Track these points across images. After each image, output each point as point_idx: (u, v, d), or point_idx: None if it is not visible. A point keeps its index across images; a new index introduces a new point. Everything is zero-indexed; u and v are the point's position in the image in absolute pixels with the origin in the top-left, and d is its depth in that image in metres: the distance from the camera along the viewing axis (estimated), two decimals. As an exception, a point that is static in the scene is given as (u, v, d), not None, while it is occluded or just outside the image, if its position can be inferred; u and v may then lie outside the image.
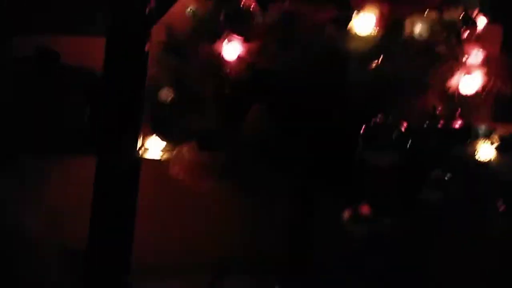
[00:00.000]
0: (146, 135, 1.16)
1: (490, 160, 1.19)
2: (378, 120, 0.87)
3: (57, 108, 1.10)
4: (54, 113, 1.10)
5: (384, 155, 0.88)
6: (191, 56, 1.20)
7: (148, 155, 1.14)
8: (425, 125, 0.99)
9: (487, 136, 1.17)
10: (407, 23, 1.03)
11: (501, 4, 1.62)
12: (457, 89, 1.08)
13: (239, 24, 1.08)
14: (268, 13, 1.05)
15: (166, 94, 1.23)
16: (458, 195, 1.18)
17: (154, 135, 1.18)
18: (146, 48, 1.11)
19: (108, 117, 1.02)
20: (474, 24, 1.25)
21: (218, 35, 1.13)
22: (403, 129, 0.89)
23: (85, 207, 0.98)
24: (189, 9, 1.41)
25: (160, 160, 1.15)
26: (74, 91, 1.12)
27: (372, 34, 1.01)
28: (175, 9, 1.45)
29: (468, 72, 1.09)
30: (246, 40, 1.09)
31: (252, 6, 1.06)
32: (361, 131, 0.87)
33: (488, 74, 1.13)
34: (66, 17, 1.21)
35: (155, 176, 1.16)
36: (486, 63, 1.15)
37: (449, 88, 1.06)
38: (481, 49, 1.17)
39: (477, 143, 1.16)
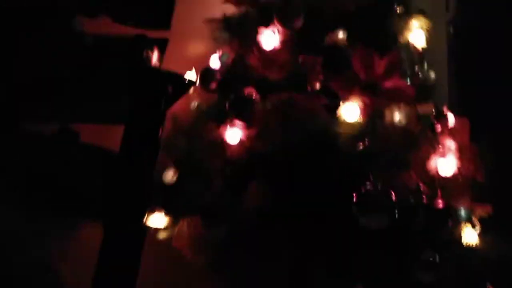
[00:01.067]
0: (152, 210, 1.22)
1: (475, 242, 1.27)
2: (368, 187, 0.97)
3: (73, 179, 1.18)
4: (70, 182, 1.17)
5: (376, 218, 0.95)
6: (196, 140, 1.33)
7: (152, 229, 1.19)
8: (411, 200, 1.08)
9: (468, 217, 1.27)
10: (387, 112, 1.19)
11: (467, 100, 1.87)
12: (436, 171, 1.20)
13: (241, 111, 1.23)
14: (267, 101, 1.21)
15: (171, 175, 1.33)
16: (450, 277, 1.23)
17: (159, 210, 1.25)
18: (160, 135, 1.24)
19: (121, 192, 1.10)
20: (445, 118, 1.45)
21: (221, 121, 1.28)
22: (392, 198, 0.98)
23: (89, 272, 0.99)
24: (193, 103, 1.59)
25: (163, 233, 1.20)
26: (90, 167, 1.21)
27: (358, 120, 1.16)
28: (180, 102, 1.63)
29: (444, 157, 1.22)
30: (247, 125, 1.24)
31: (253, 96, 1.23)
32: (354, 200, 0.96)
33: (462, 160, 1.27)
34: (89, 108, 1.36)
35: (158, 248, 1.19)
36: (458, 151, 1.29)
37: (429, 169, 1.18)
38: (453, 140, 1.33)
39: (460, 225, 1.26)
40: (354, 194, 0.97)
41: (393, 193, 0.98)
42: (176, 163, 1.30)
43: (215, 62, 1.68)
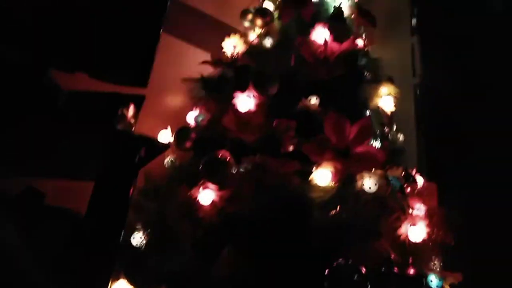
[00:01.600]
0: (116, 277, 1.16)
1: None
2: (340, 261, 0.96)
3: (35, 243, 1.11)
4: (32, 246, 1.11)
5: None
6: (167, 200, 1.31)
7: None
8: (382, 269, 1.08)
9: (439, 285, 1.27)
10: (358, 178, 1.21)
11: (436, 165, 1.93)
12: (407, 237, 1.21)
13: (214, 174, 1.23)
14: (241, 165, 1.21)
15: (138, 239, 1.29)
16: None
17: (124, 277, 1.19)
18: (130, 194, 1.21)
19: (85, 256, 1.05)
20: (414, 181, 1.48)
21: (194, 182, 1.27)
22: (363, 271, 0.97)
23: None
24: (167, 159, 1.58)
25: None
26: (54, 230, 1.16)
27: (330, 185, 1.18)
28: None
29: (414, 223, 1.23)
30: (220, 188, 1.23)
31: (227, 158, 1.23)
32: (326, 273, 0.95)
33: (431, 225, 1.28)
34: (58, 163, 1.32)
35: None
36: (428, 216, 1.32)
37: (399, 236, 1.19)
38: (422, 204, 1.36)
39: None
40: (326, 269, 0.96)
41: (364, 267, 0.98)
42: (145, 225, 1.26)
43: (191, 120, 1.70)
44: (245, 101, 1.37)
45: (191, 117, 1.70)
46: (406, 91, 2.11)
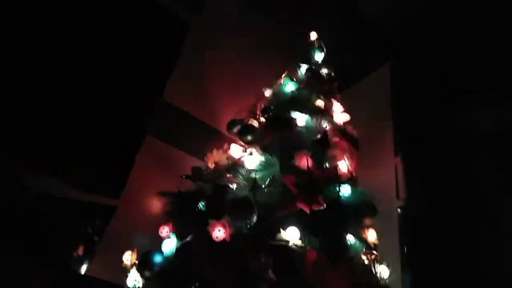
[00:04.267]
0: None
1: None
2: None
3: None
4: None
5: None
6: None
7: None
8: None
9: None
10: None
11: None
12: None
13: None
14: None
15: None
16: None
17: None
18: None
19: None
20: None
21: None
22: None
23: None
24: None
25: None
26: None
27: None
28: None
29: None
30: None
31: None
32: None
33: None
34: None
35: None
36: None
37: None
38: None
39: None
40: None
41: None
42: None
43: (165, 233, 1.58)
44: (219, 230, 1.28)
45: (163, 232, 1.59)
46: (390, 215, 2.07)
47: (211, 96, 2.48)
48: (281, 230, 1.31)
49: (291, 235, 1.30)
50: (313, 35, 2.44)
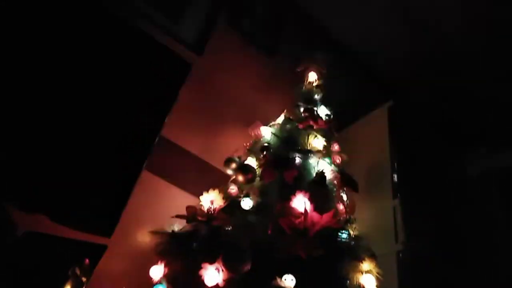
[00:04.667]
0: None
1: None
2: None
3: None
4: None
5: None
6: None
7: None
8: None
9: None
10: None
11: None
12: None
13: None
14: None
15: None
16: None
17: None
18: None
19: None
20: None
21: None
22: None
23: None
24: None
25: None
26: None
27: None
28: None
29: None
30: None
31: None
32: None
33: None
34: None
35: None
36: None
37: None
38: None
39: None
40: None
41: None
42: None
43: (154, 275, 1.53)
44: (213, 275, 1.23)
45: (155, 272, 1.54)
46: (389, 258, 2.01)
47: (209, 134, 2.48)
48: (277, 278, 1.26)
49: (288, 282, 1.25)
50: (312, 76, 2.48)
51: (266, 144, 1.94)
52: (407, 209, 2.23)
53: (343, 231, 1.49)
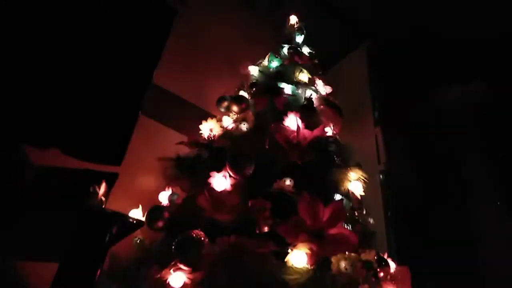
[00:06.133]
0: None
1: None
2: None
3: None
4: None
5: None
6: (135, 283, 1.23)
7: None
8: None
9: None
10: (334, 260, 1.21)
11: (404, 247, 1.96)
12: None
13: (187, 254, 1.18)
14: (216, 245, 1.18)
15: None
16: None
17: None
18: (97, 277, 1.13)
19: None
20: (387, 265, 1.49)
21: (165, 263, 1.21)
22: None
23: None
24: (136, 239, 1.52)
25: None
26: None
27: (306, 267, 1.16)
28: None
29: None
30: (193, 270, 1.18)
31: (201, 238, 1.20)
32: None
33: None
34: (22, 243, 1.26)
35: None
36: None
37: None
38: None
39: None
40: None
41: None
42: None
43: (164, 200, 1.68)
44: (221, 181, 1.39)
45: (164, 197, 1.69)
46: (372, 178, 2.22)
47: (199, 80, 2.59)
48: (277, 180, 1.43)
49: (286, 183, 1.42)
50: (293, 19, 2.59)
51: (254, 81, 2.08)
52: (387, 137, 2.44)
53: (331, 142, 1.67)
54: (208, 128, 1.80)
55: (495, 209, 2.34)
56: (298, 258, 1.18)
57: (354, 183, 1.67)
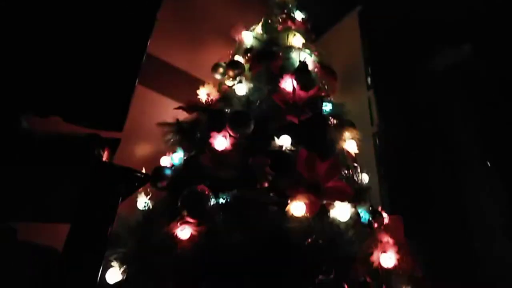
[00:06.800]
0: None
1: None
2: (321, 278, 1.00)
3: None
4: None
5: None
6: (146, 236, 1.30)
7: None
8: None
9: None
10: (331, 208, 1.29)
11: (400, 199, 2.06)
12: (379, 264, 1.27)
13: (193, 207, 1.25)
14: (220, 198, 1.25)
15: (115, 275, 1.26)
16: None
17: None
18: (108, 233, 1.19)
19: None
20: (380, 216, 1.57)
21: (172, 217, 1.28)
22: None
23: None
24: (139, 199, 1.59)
25: None
26: (27, 267, 1.10)
27: (305, 216, 1.23)
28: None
29: (385, 250, 1.30)
30: (199, 222, 1.25)
31: (206, 192, 1.27)
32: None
33: (399, 255, 1.36)
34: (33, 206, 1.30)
35: None
36: (395, 247, 1.40)
37: (373, 262, 1.25)
38: (390, 237, 1.44)
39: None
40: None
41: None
42: (123, 261, 1.24)
43: (166, 162, 1.74)
44: (221, 141, 1.45)
45: (166, 161, 1.75)
46: (366, 139, 2.29)
47: (192, 49, 2.61)
48: (275, 138, 1.49)
49: (284, 141, 1.48)
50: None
51: (248, 47, 2.10)
52: (380, 100, 2.49)
53: (327, 102, 1.73)
54: (206, 93, 1.84)
55: (484, 166, 2.43)
56: (298, 208, 1.25)
57: (349, 141, 1.74)
